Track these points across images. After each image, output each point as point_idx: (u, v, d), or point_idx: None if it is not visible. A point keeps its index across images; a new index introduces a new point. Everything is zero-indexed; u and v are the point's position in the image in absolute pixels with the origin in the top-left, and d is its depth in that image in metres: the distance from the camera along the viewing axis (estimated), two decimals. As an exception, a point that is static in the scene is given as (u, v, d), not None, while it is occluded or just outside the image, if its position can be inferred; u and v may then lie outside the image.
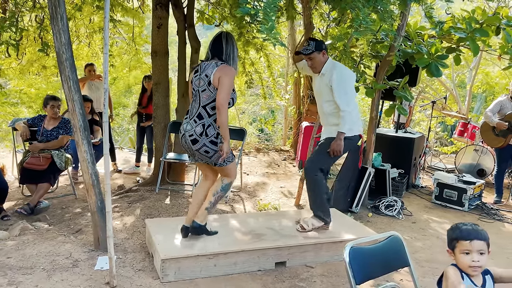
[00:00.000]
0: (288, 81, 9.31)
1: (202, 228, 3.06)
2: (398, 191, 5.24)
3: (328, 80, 3.37)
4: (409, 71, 4.55)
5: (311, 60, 3.42)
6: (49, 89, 9.89)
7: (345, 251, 1.87)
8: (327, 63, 3.44)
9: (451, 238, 1.82)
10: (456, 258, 1.80)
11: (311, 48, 3.38)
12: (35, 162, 4.17)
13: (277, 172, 6.41)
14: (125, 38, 7.60)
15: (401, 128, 6.17)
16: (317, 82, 3.54)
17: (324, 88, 3.42)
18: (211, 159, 2.93)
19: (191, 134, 2.89)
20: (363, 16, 3.36)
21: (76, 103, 3.03)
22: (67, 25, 2.94)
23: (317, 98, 3.63)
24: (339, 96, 3.31)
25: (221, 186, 3.04)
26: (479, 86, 12.21)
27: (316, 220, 3.46)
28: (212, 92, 2.86)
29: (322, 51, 3.41)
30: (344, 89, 3.31)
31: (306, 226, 3.43)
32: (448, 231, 1.86)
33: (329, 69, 3.40)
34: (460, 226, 1.81)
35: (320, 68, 3.45)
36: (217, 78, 2.82)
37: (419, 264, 3.45)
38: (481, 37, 3.97)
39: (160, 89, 4.95)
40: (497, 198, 5.43)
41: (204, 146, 2.87)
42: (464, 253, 1.75)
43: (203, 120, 2.89)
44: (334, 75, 3.33)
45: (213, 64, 2.87)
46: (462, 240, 1.76)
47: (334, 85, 3.32)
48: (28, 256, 3.04)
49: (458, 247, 1.77)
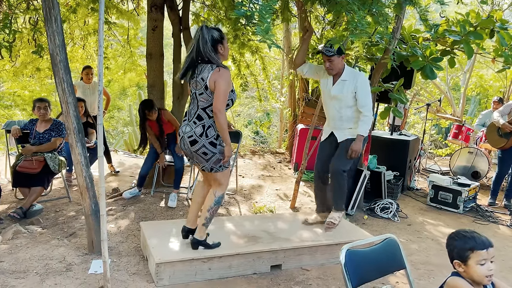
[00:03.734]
0: (284, 83, 9.32)
1: (202, 243, 3.03)
2: (393, 193, 5.24)
3: (352, 87, 3.47)
4: (404, 73, 4.57)
5: (331, 62, 3.49)
6: (43, 91, 9.84)
7: (341, 254, 1.87)
8: (346, 69, 3.55)
9: (463, 248, 1.70)
10: (470, 269, 1.68)
11: (333, 50, 3.44)
12: (28, 166, 4.13)
13: (272, 175, 6.40)
14: (120, 40, 7.58)
15: (396, 130, 6.19)
16: (334, 88, 3.57)
17: (347, 94, 3.51)
18: (207, 162, 2.88)
19: (191, 135, 2.85)
20: (358, 18, 3.36)
21: (70, 105, 3.00)
22: (61, 27, 2.92)
23: (331, 103, 3.64)
24: (364, 103, 3.46)
25: (214, 200, 2.99)
26: (473, 88, 12.31)
27: (338, 213, 3.59)
28: (210, 96, 2.82)
29: (342, 56, 3.50)
30: (368, 96, 3.48)
31: (335, 221, 3.55)
32: (454, 241, 1.74)
33: (351, 76, 3.51)
34: (470, 235, 1.70)
35: (336, 71, 3.53)
36: (213, 83, 2.79)
37: (415, 266, 3.45)
38: (475, 40, 3.99)
39: (155, 91, 4.93)
40: (492, 200, 5.44)
41: (203, 147, 2.84)
42: (480, 263, 1.66)
43: (203, 121, 2.86)
44: (358, 82, 3.46)
45: (208, 67, 2.83)
46: (479, 250, 1.66)
47: (359, 92, 3.46)
48: (21, 260, 3.01)
49: (473, 258, 1.67)
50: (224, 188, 3.04)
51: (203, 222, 3.01)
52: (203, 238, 3.02)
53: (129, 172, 6.16)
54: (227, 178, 3.06)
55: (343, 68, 3.53)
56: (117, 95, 15.32)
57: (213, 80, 2.78)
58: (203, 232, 3.03)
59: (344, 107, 3.55)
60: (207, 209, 2.99)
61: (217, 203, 3.00)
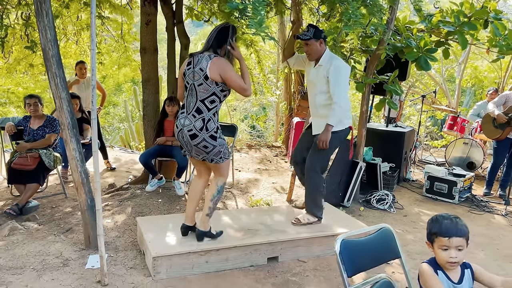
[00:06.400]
0: (279, 77, 9.30)
1: (207, 234, 3.05)
2: (389, 185, 5.26)
3: (325, 72, 3.37)
4: (399, 65, 4.57)
5: (308, 46, 3.42)
6: (37, 88, 9.78)
7: (337, 243, 1.87)
8: (325, 55, 3.44)
9: (430, 231, 1.79)
10: (434, 251, 1.78)
11: (310, 34, 3.38)
12: (23, 162, 4.11)
13: (269, 168, 6.41)
14: (114, 35, 7.53)
15: (391, 122, 6.20)
16: (312, 73, 3.53)
17: (321, 79, 3.42)
18: (208, 154, 2.89)
19: (190, 129, 2.83)
20: (352, 10, 3.36)
21: (63, 101, 2.99)
22: (52, 21, 2.89)
23: (309, 89, 3.62)
24: (334, 88, 3.33)
25: (217, 189, 3.02)
26: (468, 80, 12.33)
27: (311, 216, 3.53)
28: (210, 86, 2.82)
29: (320, 40, 3.41)
30: (339, 81, 3.33)
31: (302, 220, 3.51)
32: (429, 223, 1.82)
33: (326, 61, 3.41)
34: (440, 220, 1.77)
35: (315, 56, 3.46)
36: (216, 74, 2.78)
37: (411, 256, 3.48)
38: (470, 30, 4.00)
39: (149, 86, 4.91)
40: (487, 190, 5.48)
41: (204, 141, 2.84)
42: (442, 248, 1.73)
43: (203, 114, 2.84)
44: (331, 67, 3.34)
45: (206, 56, 2.82)
46: (441, 237, 1.73)
47: (331, 77, 3.33)
48: (17, 256, 3.00)
49: (436, 242, 1.75)
50: (225, 178, 3.07)
51: (206, 213, 3.02)
52: (207, 229, 3.04)
53: (125, 167, 6.15)
54: (227, 168, 3.09)
55: (323, 53, 3.45)
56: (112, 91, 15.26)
57: (216, 72, 2.78)
58: (207, 223, 3.04)
59: (318, 93, 3.48)
60: (210, 199, 3.01)
61: (219, 192, 3.02)
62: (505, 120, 5.15)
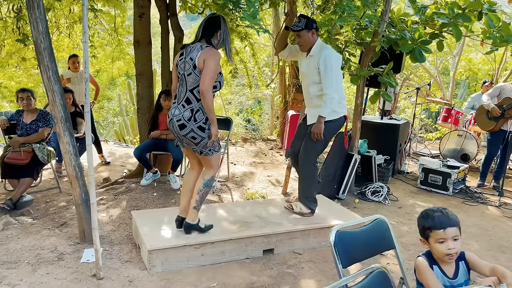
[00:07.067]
0: (274, 70, 9.28)
1: (194, 227, 3.04)
2: (384, 177, 5.29)
3: (316, 62, 3.35)
4: (393, 57, 4.56)
5: (299, 37, 3.41)
6: (30, 82, 9.69)
7: (331, 234, 1.88)
8: (316, 45, 3.43)
9: (423, 227, 1.79)
10: (431, 247, 1.78)
11: (301, 25, 3.36)
12: (16, 157, 4.08)
13: (264, 162, 6.41)
14: (107, 28, 7.46)
15: (386, 115, 6.22)
16: (304, 63, 3.52)
17: (312, 70, 3.41)
18: (197, 145, 2.89)
19: (179, 119, 2.84)
20: (346, 2, 3.35)
21: (56, 94, 2.96)
22: (44, 13, 2.86)
23: (303, 80, 3.61)
24: (324, 79, 3.31)
25: (203, 182, 3.00)
26: (462, 72, 12.36)
27: (303, 207, 3.53)
28: (197, 75, 2.81)
29: (312, 30, 3.38)
30: (330, 71, 3.30)
31: (295, 207, 3.54)
32: (419, 219, 1.82)
33: (317, 51, 3.39)
34: (431, 214, 1.77)
35: (307, 47, 3.44)
36: (202, 61, 2.78)
37: (406, 247, 3.50)
38: (464, 22, 3.99)
39: (143, 80, 4.87)
40: (481, 181, 5.52)
41: (192, 132, 2.83)
42: (439, 242, 1.73)
43: (191, 105, 2.85)
44: (321, 57, 3.32)
45: (198, 47, 2.83)
46: (436, 230, 1.73)
47: (321, 68, 3.31)
48: (12, 251, 2.99)
49: (432, 236, 1.75)
50: (214, 172, 3.05)
51: (194, 205, 3.02)
52: (195, 221, 3.03)
53: (120, 162, 6.12)
54: (218, 160, 3.09)
55: (315, 43, 3.43)
56: (106, 85, 15.15)
57: (203, 58, 2.77)
58: (195, 216, 3.03)
59: (311, 84, 3.47)
60: (197, 192, 3.01)
61: (206, 186, 3.01)
62: (499, 113, 5.18)
